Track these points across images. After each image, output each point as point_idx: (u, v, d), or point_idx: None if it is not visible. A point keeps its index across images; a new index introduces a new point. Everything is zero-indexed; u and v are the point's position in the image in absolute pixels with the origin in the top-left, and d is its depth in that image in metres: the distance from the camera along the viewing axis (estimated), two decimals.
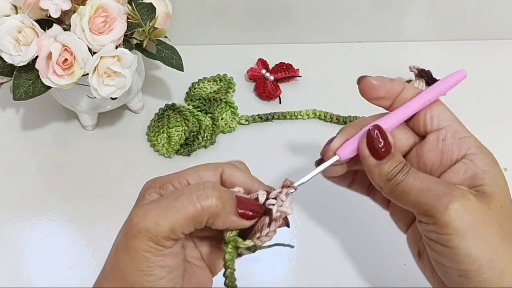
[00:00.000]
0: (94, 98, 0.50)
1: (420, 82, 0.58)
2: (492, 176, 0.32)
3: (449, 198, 0.30)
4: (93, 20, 0.44)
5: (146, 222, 0.28)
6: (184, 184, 0.33)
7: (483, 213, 0.30)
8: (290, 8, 0.63)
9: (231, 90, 0.61)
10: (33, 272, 0.47)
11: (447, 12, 0.64)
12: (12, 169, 0.54)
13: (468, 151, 0.33)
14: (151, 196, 0.33)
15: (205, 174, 0.33)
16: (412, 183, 0.31)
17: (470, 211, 0.30)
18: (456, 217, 0.30)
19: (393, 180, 0.32)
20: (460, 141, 0.33)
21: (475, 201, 0.30)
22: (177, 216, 0.29)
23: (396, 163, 0.32)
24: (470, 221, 0.30)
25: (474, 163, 0.32)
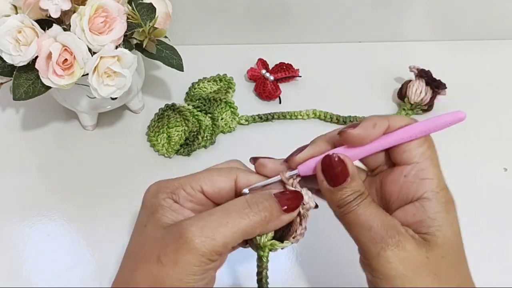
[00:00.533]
0: (94, 98, 0.50)
1: (420, 82, 0.58)
2: (439, 225, 0.31)
3: (382, 245, 0.30)
4: (93, 20, 0.44)
5: (203, 237, 0.29)
6: (198, 190, 0.33)
7: (418, 263, 0.30)
8: (290, 8, 0.63)
9: (231, 90, 0.61)
10: (33, 272, 0.47)
11: (447, 12, 0.64)
12: (12, 169, 0.54)
13: (423, 195, 0.32)
14: (167, 202, 0.32)
15: (219, 180, 0.33)
16: (358, 217, 0.32)
17: (401, 261, 0.30)
18: (384, 264, 0.30)
19: (343, 208, 0.32)
20: (420, 181, 0.32)
21: (412, 251, 0.30)
22: (232, 231, 0.29)
23: (350, 191, 0.32)
24: (399, 270, 0.30)
25: (424, 209, 0.31)
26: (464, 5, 0.63)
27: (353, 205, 0.32)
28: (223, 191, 0.33)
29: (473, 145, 0.56)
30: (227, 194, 0.33)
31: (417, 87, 0.57)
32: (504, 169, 0.54)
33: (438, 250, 0.31)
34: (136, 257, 0.31)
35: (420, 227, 0.31)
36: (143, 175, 0.53)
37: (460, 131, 0.57)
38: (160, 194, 0.33)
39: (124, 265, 0.32)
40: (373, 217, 0.32)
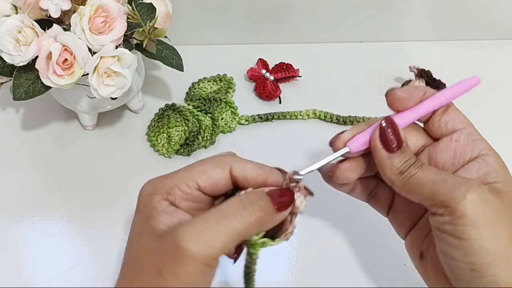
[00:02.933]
0: (94, 98, 0.50)
1: (420, 82, 0.58)
2: (504, 175, 0.33)
3: (467, 188, 0.30)
4: (93, 20, 0.44)
5: (200, 246, 0.28)
6: (194, 188, 0.32)
7: (497, 206, 0.31)
8: (290, 8, 0.63)
9: (231, 90, 0.61)
10: (33, 272, 0.47)
11: (447, 12, 0.64)
12: (12, 169, 0.54)
13: (481, 152, 0.34)
14: (162, 204, 0.31)
15: (214, 172, 0.32)
16: (426, 175, 0.32)
17: (486, 203, 0.30)
18: (473, 207, 0.30)
19: (406, 172, 0.32)
20: (473, 142, 0.34)
21: (490, 194, 0.31)
22: (228, 235, 0.29)
23: (408, 156, 0.33)
24: (485, 213, 0.30)
25: (487, 163, 0.33)
26: (464, 5, 0.63)
27: (415, 167, 0.32)
28: (219, 183, 0.32)
29: None
30: (224, 185, 0.33)
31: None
32: None
33: (509, 196, 0.32)
34: (135, 268, 0.30)
35: (487, 179, 0.33)
36: (143, 175, 0.53)
37: None
38: (155, 196, 0.31)
39: (123, 274, 0.31)
40: (442, 172, 0.33)
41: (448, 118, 0.35)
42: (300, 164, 0.55)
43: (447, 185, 0.31)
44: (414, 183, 0.32)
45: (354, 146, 0.34)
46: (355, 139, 0.34)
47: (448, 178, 0.31)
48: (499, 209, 0.31)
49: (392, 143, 0.33)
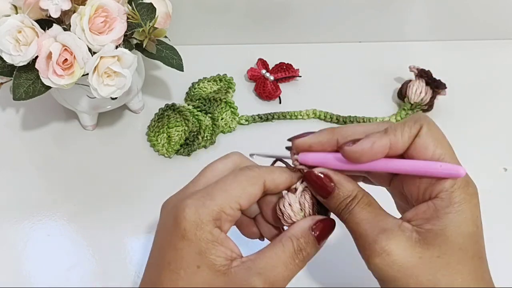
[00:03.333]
0: (94, 98, 0.50)
1: (420, 82, 0.57)
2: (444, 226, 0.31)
3: (369, 253, 0.31)
4: (93, 20, 0.44)
5: None
6: (237, 209, 0.32)
7: (408, 264, 0.30)
8: (290, 8, 0.63)
9: (231, 90, 0.60)
10: (33, 272, 0.47)
11: (447, 12, 0.64)
12: (12, 169, 0.54)
13: (438, 195, 0.31)
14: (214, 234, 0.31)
15: (253, 190, 0.32)
16: (350, 224, 0.32)
17: (389, 265, 0.30)
18: (374, 269, 0.31)
19: (339, 215, 0.33)
20: (435, 182, 0.31)
21: (402, 253, 0.30)
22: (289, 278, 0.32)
23: (341, 199, 0.32)
24: (389, 273, 0.31)
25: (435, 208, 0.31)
26: (464, 5, 0.63)
27: (346, 212, 0.32)
28: (256, 198, 0.33)
29: (473, 145, 0.56)
30: (257, 198, 0.33)
31: (417, 87, 0.57)
32: (504, 169, 0.54)
33: (434, 250, 0.30)
34: None
35: (425, 224, 0.31)
36: (143, 175, 0.53)
37: (460, 130, 0.57)
38: (205, 226, 0.31)
39: None
40: (364, 222, 0.32)
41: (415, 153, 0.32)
42: None
43: (361, 244, 0.32)
44: (348, 226, 0.33)
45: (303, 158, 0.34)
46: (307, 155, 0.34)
47: (363, 234, 0.32)
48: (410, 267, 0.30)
49: (321, 192, 0.33)
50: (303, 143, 0.34)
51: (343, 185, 0.33)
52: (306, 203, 0.34)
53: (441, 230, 0.31)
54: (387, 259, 0.31)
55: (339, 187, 0.32)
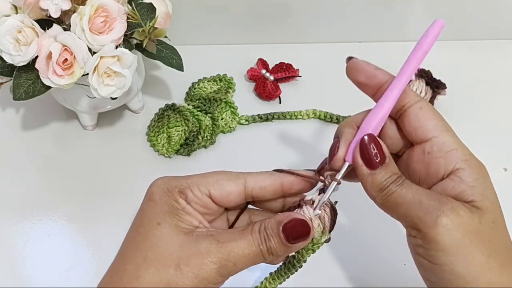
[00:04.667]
0: (94, 98, 0.50)
1: (420, 82, 0.57)
2: (481, 192, 0.31)
3: (438, 213, 0.29)
4: (93, 20, 0.44)
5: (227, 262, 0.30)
6: (205, 194, 0.32)
7: (472, 229, 0.30)
8: (290, 8, 0.63)
9: (231, 90, 0.60)
10: (33, 272, 0.47)
11: (447, 12, 0.64)
12: (12, 169, 0.54)
13: (456, 166, 0.31)
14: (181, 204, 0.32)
15: (228, 184, 0.33)
16: (404, 194, 0.31)
17: (458, 228, 0.29)
18: (444, 233, 0.29)
19: (385, 190, 0.31)
20: (446, 155, 0.31)
21: (466, 217, 0.30)
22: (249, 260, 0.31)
23: (390, 173, 0.31)
24: (458, 238, 0.29)
25: (462, 180, 0.31)
26: (464, 5, 0.63)
27: (395, 185, 0.31)
28: (230, 195, 0.33)
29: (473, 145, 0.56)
30: (235, 198, 0.33)
31: (417, 87, 0.57)
32: (504, 169, 0.54)
33: (489, 215, 0.30)
34: (147, 255, 0.31)
35: (463, 198, 0.31)
36: (143, 175, 0.53)
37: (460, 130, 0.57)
38: (170, 195, 0.32)
39: (128, 255, 0.32)
40: (419, 192, 0.31)
41: (418, 125, 0.32)
42: (300, 164, 0.55)
43: (421, 208, 0.30)
44: (392, 201, 0.31)
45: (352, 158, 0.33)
46: (349, 152, 0.33)
47: (424, 200, 0.30)
48: (474, 232, 0.30)
49: (373, 160, 0.32)
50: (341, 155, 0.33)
51: (392, 159, 0.32)
52: (326, 216, 0.33)
53: (482, 195, 0.30)
54: (456, 220, 0.29)
55: (390, 161, 0.32)
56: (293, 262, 0.36)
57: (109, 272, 0.32)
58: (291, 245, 0.31)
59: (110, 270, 0.32)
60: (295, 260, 0.35)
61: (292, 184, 0.33)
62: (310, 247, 0.34)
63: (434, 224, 0.29)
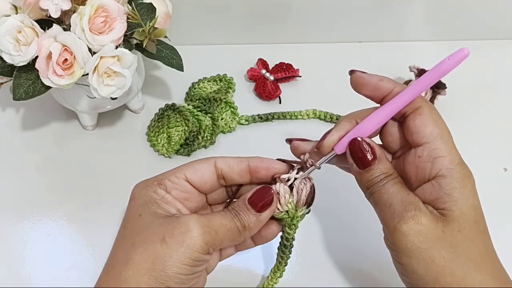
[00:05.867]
0: (94, 98, 0.50)
1: None
2: (455, 200, 0.32)
3: (399, 219, 0.32)
4: (93, 20, 0.44)
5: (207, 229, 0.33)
6: (182, 178, 0.35)
7: (433, 236, 0.32)
8: (290, 8, 0.63)
9: (231, 90, 0.60)
10: (33, 272, 0.47)
11: (447, 12, 0.64)
12: (12, 169, 0.54)
13: (438, 173, 0.33)
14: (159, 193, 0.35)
15: (200, 166, 0.36)
16: (381, 196, 0.34)
17: (416, 234, 0.32)
18: (401, 238, 0.32)
19: (370, 188, 0.34)
20: (434, 160, 0.33)
21: (428, 224, 0.32)
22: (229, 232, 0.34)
23: (377, 173, 0.34)
24: (415, 243, 0.32)
25: (440, 186, 0.33)
26: (464, 5, 0.63)
27: (379, 185, 0.34)
28: (205, 175, 0.36)
29: (473, 145, 0.56)
30: (210, 179, 0.36)
31: None
32: (504, 169, 0.54)
33: (454, 224, 0.32)
34: (133, 240, 0.32)
35: (437, 204, 0.33)
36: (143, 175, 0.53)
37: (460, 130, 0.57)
38: (149, 187, 0.35)
39: (117, 248, 0.34)
40: (394, 195, 0.33)
41: (414, 130, 0.34)
42: None
43: (389, 212, 0.33)
44: (374, 200, 0.34)
45: (340, 148, 0.35)
46: (341, 142, 0.35)
47: (394, 203, 0.33)
48: (434, 239, 0.32)
49: (362, 161, 0.34)
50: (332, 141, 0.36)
51: (383, 160, 0.35)
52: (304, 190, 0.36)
53: (454, 205, 0.32)
54: (415, 227, 0.32)
55: (380, 162, 0.34)
56: (283, 242, 0.39)
57: (104, 268, 0.34)
58: (259, 214, 0.34)
59: (104, 266, 0.34)
60: (284, 240, 0.39)
61: (257, 166, 0.36)
62: (290, 222, 0.37)
63: (394, 228, 0.32)
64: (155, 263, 0.31)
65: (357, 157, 0.34)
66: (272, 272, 0.42)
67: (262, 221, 0.35)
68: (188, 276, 0.32)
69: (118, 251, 0.33)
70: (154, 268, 0.31)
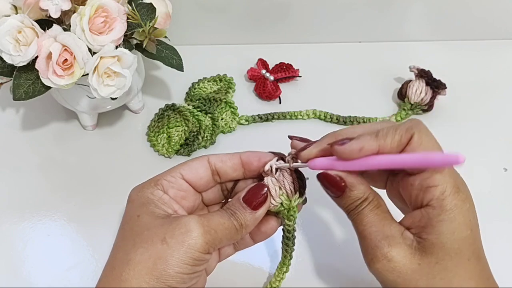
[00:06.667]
0: (94, 98, 0.50)
1: (420, 82, 0.58)
2: (439, 233, 0.32)
3: (371, 257, 0.33)
4: (93, 20, 0.44)
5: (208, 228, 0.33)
6: (178, 177, 0.36)
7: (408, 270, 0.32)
8: (290, 8, 0.63)
9: (231, 90, 0.61)
10: (33, 272, 0.47)
11: (447, 12, 0.64)
12: (12, 169, 0.54)
13: (429, 203, 0.33)
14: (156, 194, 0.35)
15: (194, 164, 0.36)
16: (358, 224, 0.34)
17: (390, 271, 0.33)
18: (375, 273, 0.33)
19: (349, 214, 0.35)
20: (425, 190, 0.33)
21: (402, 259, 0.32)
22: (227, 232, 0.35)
23: (352, 200, 0.34)
24: (389, 278, 0.33)
25: (428, 217, 0.32)
26: (464, 5, 0.63)
27: (355, 212, 0.34)
28: (200, 171, 0.36)
29: (473, 145, 0.56)
30: (205, 175, 0.37)
31: (417, 87, 0.57)
32: (504, 169, 0.54)
33: (432, 257, 0.32)
34: (134, 241, 0.33)
35: (422, 233, 0.33)
36: (143, 175, 0.53)
37: (460, 130, 0.57)
38: (146, 189, 0.35)
39: (117, 250, 0.34)
40: (369, 226, 0.34)
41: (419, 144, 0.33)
42: None
43: (365, 246, 0.34)
44: (353, 225, 0.35)
45: (313, 166, 0.35)
46: (317, 161, 0.35)
47: (369, 236, 0.34)
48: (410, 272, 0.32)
49: (333, 191, 0.34)
50: (308, 154, 0.36)
51: (355, 186, 0.34)
52: (285, 181, 0.36)
53: (437, 238, 0.32)
54: (387, 265, 0.33)
55: (352, 189, 0.34)
56: (285, 235, 0.40)
57: (104, 269, 0.34)
58: (255, 211, 0.35)
59: (104, 267, 0.34)
60: (285, 233, 0.39)
61: (249, 158, 0.37)
62: (288, 214, 0.37)
63: (369, 265, 0.34)
64: (157, 263, 0.31)
65: (328, 187, 0.34)
66: (279, 268, 0.43)
67: (258, 218, 0.35)
68: (189, 275, 0.32)
69: (118, 252, 0.33)
70: (155, 268, 0.31)
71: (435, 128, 0.35)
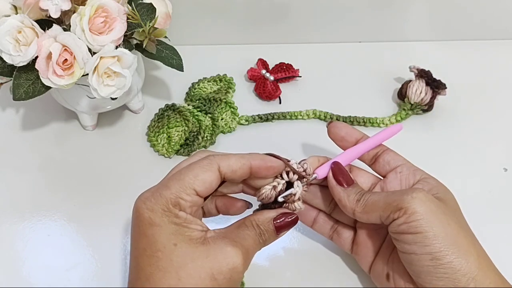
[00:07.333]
0: (94, 98, 0.50)
1: (420, 82, 0.57)
2: (443, 191, 0.39)
3: (413, 190, 0.36)
4: (93, 20, 0.44)
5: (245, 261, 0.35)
6: (193, 194, 0.35)
7: (442, 206, 0.36)
8: (290, 8, 0.63)
9: (231, 90, 0.61)
10: (33, 272, 0.47)
11: (447, 12, 0.64)
12: (12, 169, 0.54)
13: (422, 176, 0.41)
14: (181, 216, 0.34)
15: (206, 176, 0.35)
16: (378, 195, 0.38)
17: (431, 202, 0.36)
18: (421, 204, 0.35)
19: (362, 199, 0.38)
20: (414, 171, 0.41)
21: (435, 198, 0.37)
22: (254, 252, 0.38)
23: (360, 188, 0.40)
24: (432, 209, 0.35)
25: (428, 182, 0.40)
26: (464, 5, 0.63)
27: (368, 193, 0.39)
28: (212, 184, 0.36)
29: (473, 145, 0.56)
30: (216, 184, 0.36)
31: (417, 87, 0.57)
32: (504, 169, 0.54)
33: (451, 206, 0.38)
34: (178, 275, 0.32)
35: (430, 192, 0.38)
36: (143, 175, 0.53)
37: (460, 130, 0.57)
38: (169, 212, 0.34)
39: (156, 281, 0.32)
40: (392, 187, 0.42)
41: (390, 158, 0.43)
42: None
43: (398, 194, 0.37)
44: (370, 204, 0.38)
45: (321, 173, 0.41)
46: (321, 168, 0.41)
47: (396, 191, 0.39)
48: (444, 208, 0.36)
49: (344, 181, 0.40)
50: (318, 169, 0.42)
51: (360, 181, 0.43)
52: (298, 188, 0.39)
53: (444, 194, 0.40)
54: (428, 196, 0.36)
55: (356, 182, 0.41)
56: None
57: None
58: (279, 235, 0.38)
59: None
60: None
61: (260, 168, 0.37)
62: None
63: (412, 198, 0.35)
64: None
65: (339, 178, 0.40)
66: None
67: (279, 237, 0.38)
68: None
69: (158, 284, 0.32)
70: None
71: (435, 128, 0.35)
